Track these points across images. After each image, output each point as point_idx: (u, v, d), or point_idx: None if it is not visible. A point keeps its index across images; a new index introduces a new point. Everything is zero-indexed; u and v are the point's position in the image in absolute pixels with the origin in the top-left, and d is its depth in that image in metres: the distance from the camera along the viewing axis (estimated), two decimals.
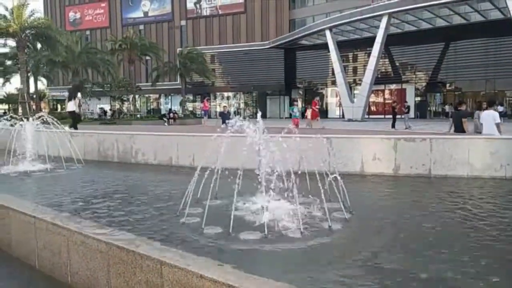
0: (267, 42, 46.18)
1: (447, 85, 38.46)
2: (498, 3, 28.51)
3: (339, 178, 4.60)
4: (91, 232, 3.52)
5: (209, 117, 33.36)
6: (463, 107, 11.78)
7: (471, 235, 3.91)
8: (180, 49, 48.75)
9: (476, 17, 33.05)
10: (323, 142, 7.29)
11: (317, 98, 31.89)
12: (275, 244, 3.61)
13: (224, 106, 29.57)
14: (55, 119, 9.09)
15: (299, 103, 41.80)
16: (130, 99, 46.64)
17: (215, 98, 52.92)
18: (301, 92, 47.03)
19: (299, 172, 4.49)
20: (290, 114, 24.54)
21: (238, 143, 4.37)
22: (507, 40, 30.32)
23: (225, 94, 52.51)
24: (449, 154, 6.92)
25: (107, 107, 51.85)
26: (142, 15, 59.12)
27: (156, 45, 47.18)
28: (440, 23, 35.00)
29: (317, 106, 22.87)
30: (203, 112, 35.92)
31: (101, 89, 44.21)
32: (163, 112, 44.79)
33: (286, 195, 4.42)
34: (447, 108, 35.27)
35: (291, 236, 3.82)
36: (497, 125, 9.79)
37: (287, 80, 46.15)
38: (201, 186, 4.61)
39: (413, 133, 12.51)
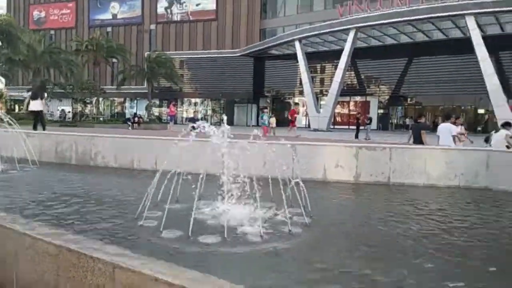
0: (238, 50, 46.37)
1: (409, 99, 39.94)
2: (459, 23, 30.02)
3: (301, 183, 4.65)
4: (40, 234, 3.34)
5: (175, 122, 32.95)
6: (423, 120, 12.24)
7: (428, 238, 4.02)
8: (148, 53, 48.03)
9: (438, 35, 34.66)
10: (287, 149, 7.37)
11: (296, 107, 32.17)
12: (234, 247, 3.57)
13: (195, 112, 29.18)
14: (12, 119, 8.67)
15: (269, 111, 41.98)
16: (94, 102, 45.33)
17: (182, 103, 52.34)
18: (268, 100, 47.41)
19: (263, 177, 4.51)
20: (258, 122, 24.71)
21: (201, 148, 4.33)
22: (466, 58, 31.87)
23: (193, 100, 52.08)
24: (407, 163, 7.15)
25: (68, 109, 50.13)
26: (110, 17, 57.86)
27: (124, 47, 46.23)
28: (405, 39, 36.42)
29: (295, 115, 23.17)
30: (169, 117, 35.40)
31: (62, 91, 42.70)
32: (127, 116, 43.84)
33: (248, 200, 4.41)
34: (407, 121, 36.57)
35: (251, 239, 3.79)
36: (453, 137, 10.20)
37: (255, 89, 46.42)
38: (161, 190, 4.52)
39: (374, 143, 12.88)
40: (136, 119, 32.56)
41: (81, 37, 45.91)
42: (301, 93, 39.33)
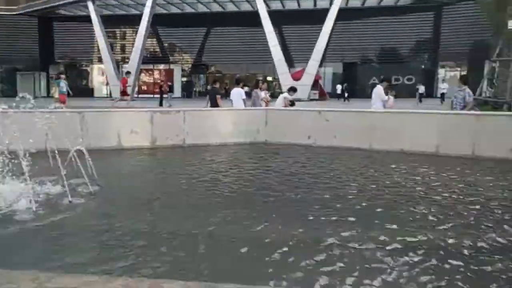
0: (16, 7, 39.04)
1: (210, 67, 41.94)
2: None
3: (85, 152, 4.36)
4: None
5: None
6: (217, 85, 13.04)
7: (218, 191, 4.36)
8: None
9: (231, 7, 37.00)
10: (73, 118, 6.76)
11: (129, 75, 28.81)
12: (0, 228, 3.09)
13: None
14: None
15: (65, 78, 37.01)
16: None
17: None
18: (62, 68, 42.17)
19: (45, 150, 4.04)
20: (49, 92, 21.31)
21: None
22: (256, 30, 35.14)
23: None
24: (200, 125, 7.53)
25: None
26: None
27: None
28: (202, 8, 37.54)
29: (127, 85, 20.75)
30: None
31: None
32: None
33: (21, 176, 3.87)
34: (209, 88, 38.53)
35: (22, 217, 3.35)
36: (243, 100, 11.25)
37: (43, 55, 40.44)
38: None
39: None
40: None
41: None
42: (100, 60, 36.40)
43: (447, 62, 35.68)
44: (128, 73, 17.35)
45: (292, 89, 10.75)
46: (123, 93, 20.27)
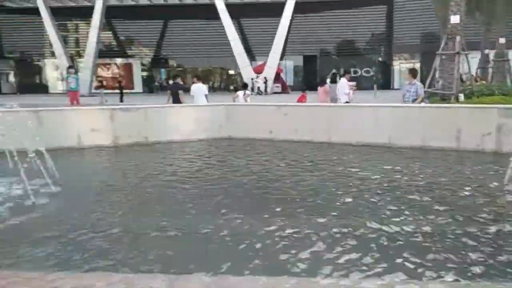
0: None
1: (170, 61, 41.27)
2: None
3: (45, 153, 4.32)
4: None
5: None
6: (179, 80, 12.97)
7: (180, 190, 4.45)
8: None
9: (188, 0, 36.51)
10: (29, 117, 6.56)
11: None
12: None
13: None
14: None
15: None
16: None
17: None
18: (12, 63, 40.08)
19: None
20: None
21: None
22: (214, 23, 34.89)
23: None
24: (162, 122, 7.53)
25: None
26: None
27: None
28: (158, 0, 36.76)
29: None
30: None
31: None
32: None
33: None
34: (170, 82, 37.92)
35: None
36: (206, 96, 11.31)
37: None
38: None
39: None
40: None
41: None
42: (53, 54, 34.88)
43: (401, 55, 37.15)
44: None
45: (245, 86, 10.97)
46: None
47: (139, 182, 4.80)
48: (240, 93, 11.83)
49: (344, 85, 9.03)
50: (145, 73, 40.88)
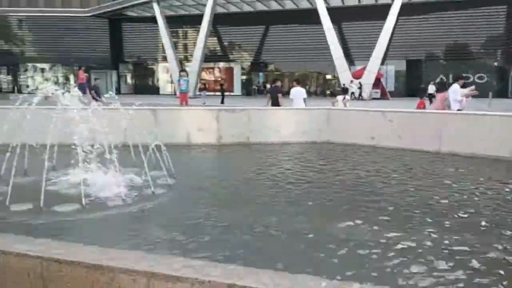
0: (87, 9, 42.03)
1: (269, 65, 42.34)
2: None
3: (163, 147, 4.75)
4: None
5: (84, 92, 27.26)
6: (278, 84, 13.27)
7: (276, 190, 4.57)
8: None
9: (290, 5, 37.06)
10: (147, 115, 7.29)
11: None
12: (94, 213, 3.52)
13: (96, 79, 23.52)
14: None
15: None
16: None
17: (25, 70, 45.72)
18: (130, 67, 44.83)
19: (124, 144, 4.47)
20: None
21: (50, 116, 4.02)
22: (314, 28, 34.93)
23: (39, 65, 45.85)
24: (264, 124, 7.77)
25: None
26: None
27: None
28: (261, 7, 37.99)
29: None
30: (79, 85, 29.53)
31: None
32: None
33: (107, 167, 4.33)
34: (268, 86, 38.87)
35: (112, 204, 3.77)
36: (304, 99, 11.39)
37: (113, 54, 43.23)
38: (3, 164, 4.11)
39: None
40: None
41: None
42: (165, 58, 38.17)
43: None
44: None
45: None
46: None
47: (245, 180, 5.01)
48: (340, 97, 11.71)
49: (456, 91, 8.35)
50: (244, 77, 42.49)
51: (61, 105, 4.21)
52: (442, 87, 11.63)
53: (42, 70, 45.95)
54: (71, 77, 40.13)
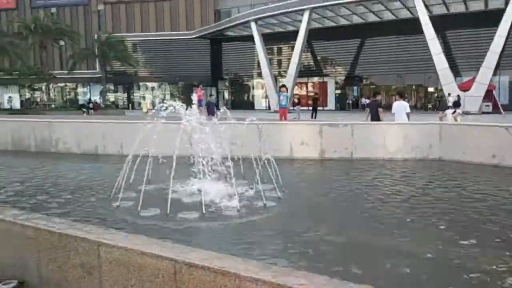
0: (193, 32, 45.45)
1: (364, 79, 41.16)
2: (407, 3, 31.09)
3: (272, 160, 4.84)
4: (17, 219, 3.29)
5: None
6: (379, 98, 12.79)
7: (389, 207, 4.35)
8: (98, 34, 45.92)
9: (388, 16, 35.73)
10: (255, 129, 7.51)
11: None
12: (213, 221, 3.70)
13: (211, 95, 25.41)
14: None
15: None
16: (43, 88, 42.98)
17: (138, 88, 50.87)
18: (227, 83, 47.18)
19: (233, 157, 4.67)
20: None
21: (171, 130, 4.36)
22: (415, 38, 33.19)
23: (149, 84, 50.72)
24: (368, 139, 7.51)
25: (15, 96, 47.26)
26: None
27: (72, 29, 43.89)
28: (357, 20, 37.24)
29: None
30: (198, 102, 33.06)
31: (8, 77, 39.99)
32: (81, 102, 42.05)
33: (220, 178, 4.53)
34: (362, 100, 37.72)
35: (228, 214, 3.93)
36: (407, 114, 10.80)
37: (213, 71, 45.95)
38: (133, 173, 4.54)
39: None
40: (91, 105, 31.37)
41: (23, 18, 42.96)
42: (260, 75, 39.42)
43: None
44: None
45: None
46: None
47: (355, 195, 4.87)
48: (449, 111, 10.87)
49: None
50: (338, 91, 41.85)
51: (184, 119, 4.55)
52: None
53: (152, 88, 50.70)
54: (194, 95, 43.55)
